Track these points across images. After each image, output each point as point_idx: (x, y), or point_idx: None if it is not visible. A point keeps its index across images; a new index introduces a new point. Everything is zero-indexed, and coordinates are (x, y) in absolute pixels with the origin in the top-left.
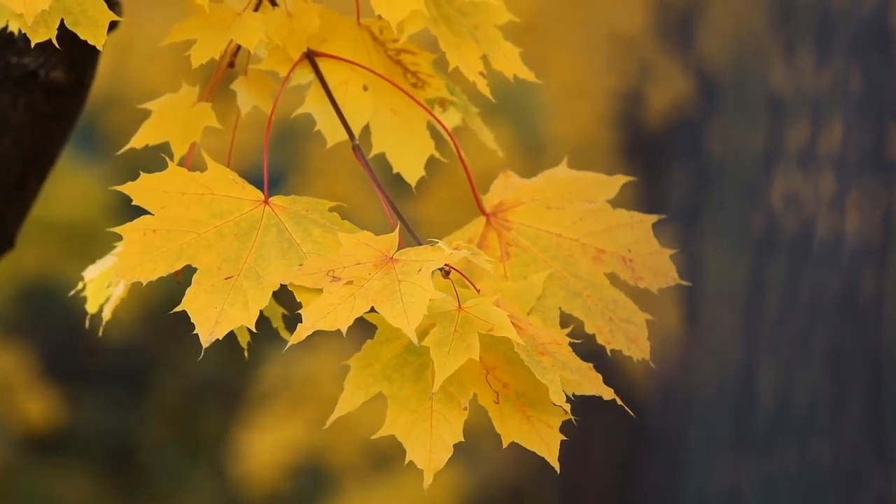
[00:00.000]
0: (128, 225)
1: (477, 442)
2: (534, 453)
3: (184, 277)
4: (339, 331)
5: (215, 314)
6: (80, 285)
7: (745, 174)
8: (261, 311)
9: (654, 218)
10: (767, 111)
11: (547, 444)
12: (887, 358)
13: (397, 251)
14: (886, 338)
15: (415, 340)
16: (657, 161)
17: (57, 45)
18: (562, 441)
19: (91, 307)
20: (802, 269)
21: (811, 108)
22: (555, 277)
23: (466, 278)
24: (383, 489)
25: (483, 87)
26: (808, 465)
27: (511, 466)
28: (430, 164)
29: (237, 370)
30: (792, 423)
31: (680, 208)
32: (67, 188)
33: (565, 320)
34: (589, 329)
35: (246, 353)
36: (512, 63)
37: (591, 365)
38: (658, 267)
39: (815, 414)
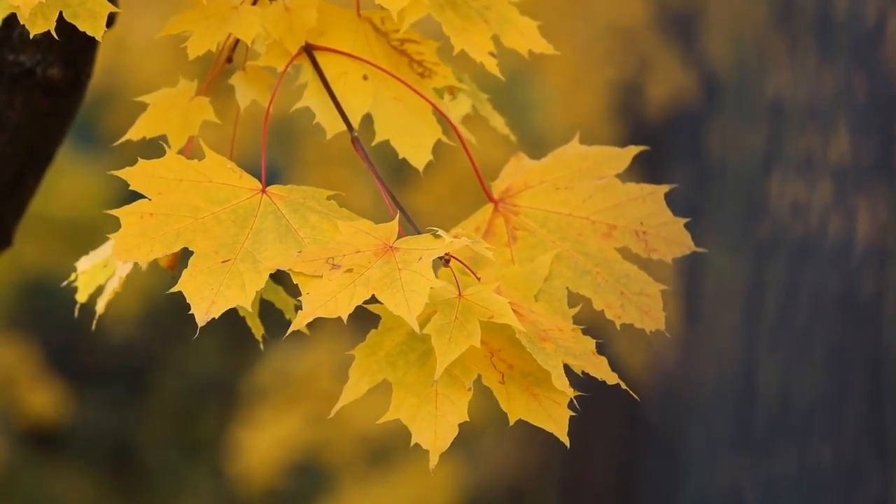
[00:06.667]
0: (125, 208)
1: (477, 442)
2: (533, 453)
3: (178, 271)
4: (336, 328)
5: (211, 295)
6: (72, 276)
7: (746, 174)
8: (271, 303)
9: (665, 188)
10: (767, 112)
11: (555, 421)
12: (887, 358)
13: (397, 240)
14: (886, 338)
15: (416, 328)
16: (657, 159)
17: (55, 36)
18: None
19: (81, 296)
20: (802, 269)
21: (810, 109)
22: (562, 257)
23: (466, 266)
24: (381, 486)
25: (492, 66)
26: (808, 465)
27: (511, 466)
28: (432, 152)
29: (236, 369)
30: (792, 423)
31: (680, 208)
32: (67, 184)
33: (573, 301)
34: (598, 305)
35: (261, 346)
36: (528, 39)
37: (594, 350)
38: (672, 236)
39: (815, 414)
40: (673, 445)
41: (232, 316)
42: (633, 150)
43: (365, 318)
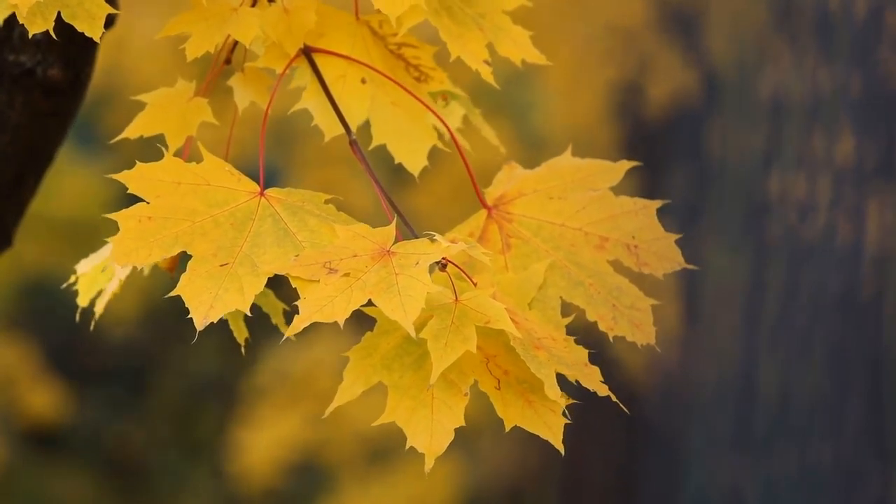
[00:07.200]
0: (123, 212)
1: (476, 441)
2: (533, 453)
3: (177, 273)
4: (335, 328)
5: (210, 299)
6: (72, 278)
7: (746, 174)
8: (260, 308)
9: (657, 203)
10: (768, 112)
11: (550, 428)
12: (887, 358)
13: (394, 244)
14: (886, 338)
15: (412, 334)
16: (657, 159)
17: (54, 36)
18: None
19: (82, 301)
20: (802, 269)
21: (811, 108)
22: (556, 267)
23: (463, 271)
24: (381, 486)
25: (487, 74)
26: (808, 465)
27: (511, 466)
28: (430, 156)
29: (236, 369)
30: (792, 423)
31: (680, 208)
32: (67, 184)
33: (566, 310)
34: (591, 317)
35: (243, 350)
36: (521, 48)
37: (587, 360)
38: (663, 252)
39: (815, 414)
40: (673, 445)
41: None
42: (626, 164)
43: (365, 318)
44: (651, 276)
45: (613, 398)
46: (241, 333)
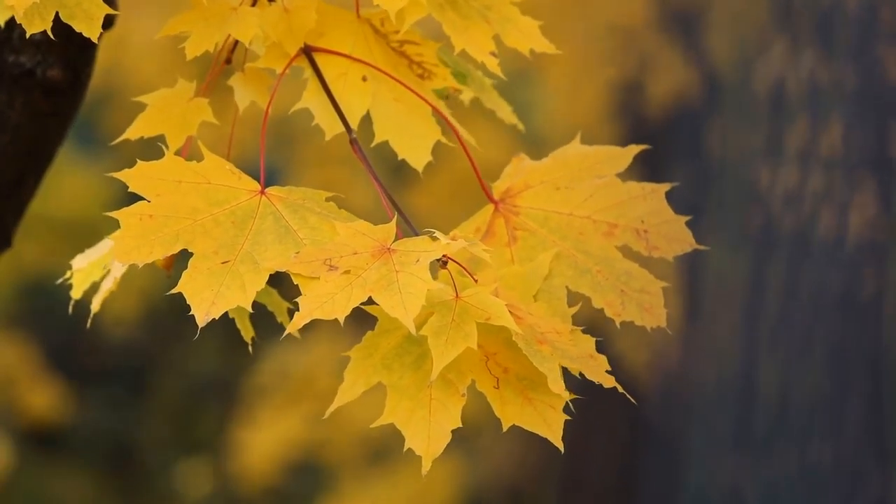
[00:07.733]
0: (124, 210)
1: (476, 440)
2: (533, 453)
3: (174, 271)
4: (336, 327)
5: (212, 295)
6: (67, 273)
7: (746, 173)
8: (260, 308)
9: (666, 186)
10: (767, 110)
11: (549, 426)
12: (887, 358)
13: (394, 242)
14: (886, 338)
15: (412, 331)
16: (657, 158)
17: (52, 37)
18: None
19: (75, 293)
20: (803, 268)
21: (812, 105)
22: (562, 256)
23: (464, 268)
24: (380, 485)
25: (493, 66)
26: (808, 465)
27: (511, 465)
28: (432, 152)
29: (236, 369)
30: (792, 423)
31: (680, 207)
32: (67, 184)
33: (573, 301)
34: (597, 304)
35: (250, 348)
36: (529, 38)
37: (593, 351)
38: (674, 234)
39: (815, 414)
40: (673, 445)
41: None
42: (634, 149)
43: (365, 318)
44: (656, 269)
45: (620, 389)
46: (247, 332)
